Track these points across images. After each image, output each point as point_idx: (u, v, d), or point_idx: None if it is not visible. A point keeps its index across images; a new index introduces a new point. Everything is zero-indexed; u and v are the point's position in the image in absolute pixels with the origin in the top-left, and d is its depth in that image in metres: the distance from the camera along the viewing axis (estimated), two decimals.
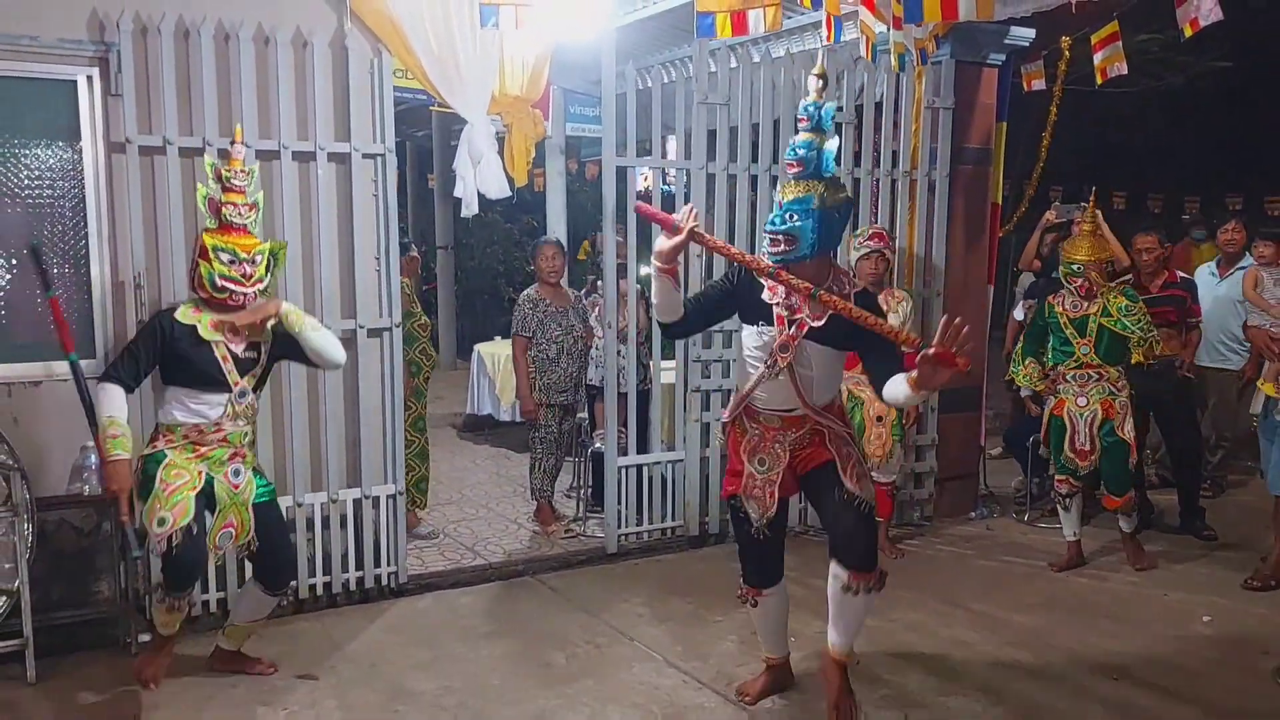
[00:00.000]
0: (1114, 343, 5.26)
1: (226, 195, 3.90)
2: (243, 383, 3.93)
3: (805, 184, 3.48)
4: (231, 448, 3.97)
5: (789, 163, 3.54)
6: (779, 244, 3.49)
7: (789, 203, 3.48)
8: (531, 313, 6.19)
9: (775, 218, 3.51)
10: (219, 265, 3.83)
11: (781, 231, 3.48)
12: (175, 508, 3.79)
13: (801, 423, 3.65)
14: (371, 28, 4.83)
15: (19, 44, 4.22)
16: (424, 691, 4.12)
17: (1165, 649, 4.55)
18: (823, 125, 3.51)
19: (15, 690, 4.08)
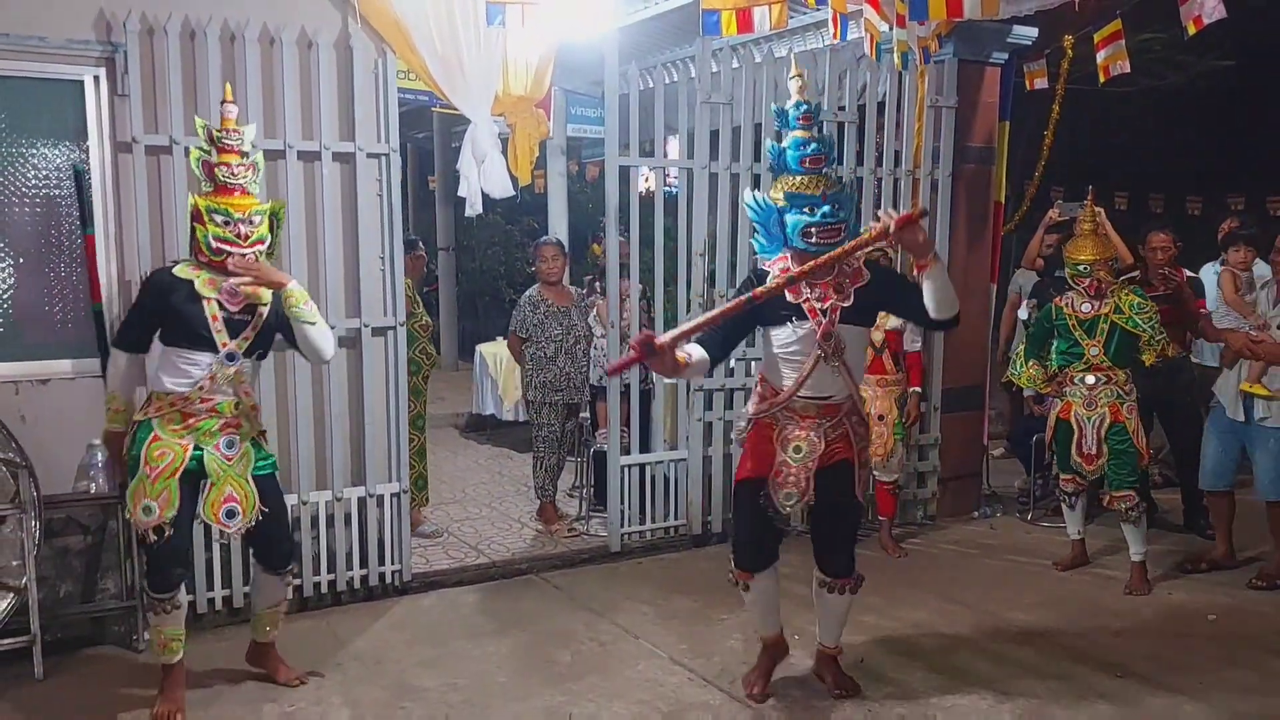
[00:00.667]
0: (1123, 344, 5.23)
1: (221, 156, 3.81)
2: (231, 345, 3.79)
3: (829, 176, 3.68)
4: (221, 418, 3.83)
5: (813, 157, 3.66)
6: (835, 234, 3.62)
7: (833, 194, 3.64)
8: (531, 314, 6.21)
9: (825, 211, 3.61)
10: (213, 227, 3.74)
11: (837, 222, 3.64)
12: (160, 496, 3.71)
13: (836, 410, 3.78)
14: (376, 28, 4.84)
15: (26, 44, 4.24)
16: (430, 688, 4.13)
17: (1170, 648, 4.55)
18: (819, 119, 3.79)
19: (23, 687, 4.10)
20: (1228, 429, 5.33)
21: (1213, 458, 5.40)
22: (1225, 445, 5.34)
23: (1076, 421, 5.30)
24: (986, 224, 6.64)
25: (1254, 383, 5.10)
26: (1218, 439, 5.38)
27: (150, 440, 3.76)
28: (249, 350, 3.88)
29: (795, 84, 3.70)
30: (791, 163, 3.67)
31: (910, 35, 5.51)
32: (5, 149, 4.37)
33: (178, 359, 3.81)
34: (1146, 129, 14.16)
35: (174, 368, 3.81)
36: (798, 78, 3.70)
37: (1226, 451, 5.34)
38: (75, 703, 4.00)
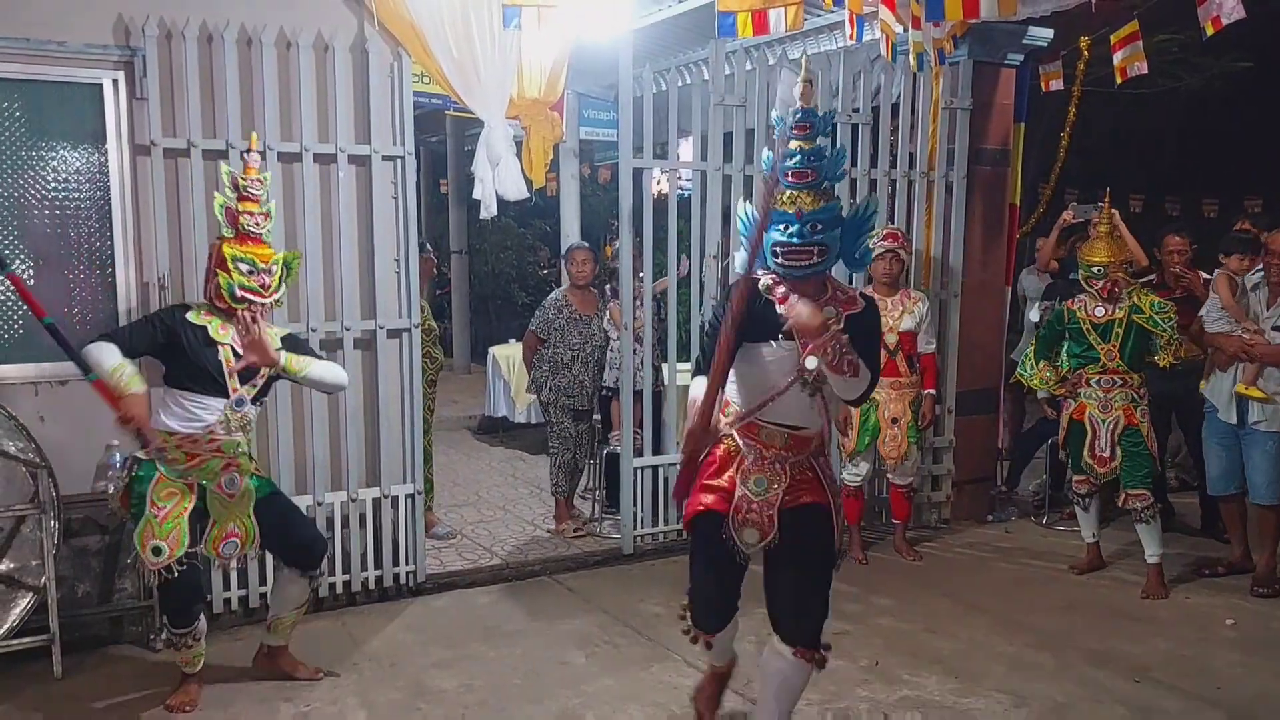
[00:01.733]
0: (1138, 347, 5.21)
1: (242, 204, 3.88)
2: (241, 390, 3.87)
3: (822, 193, 3.22)
4: (225, 458, 3.89)
5: (797, 171, 3.21)
6: (804, 257, 3.18)
7: (812, 213, 3.17)
8: (555, 317, 6.22)
9: (794, 231, 3.17)
10: (238, 275, 3.82)
11: (806, 244, 3.17)
12: (170, 536, 3.74)
13: (805, 445, 3.31)
14: (392, 31, 4.86)
15: (46, 49, 4.27)
16: (446, 690, 4.14)
17: (1188, 652, 4.53)
18: (824, 130, 3.28)
19: (42, 686, 4.13)
20: (1225, 432, 5.28)
21: (1216, 464, 5.36)
22: (1227, 450, 5.30)
23: (1090, 423, 5.29)
24: (1001, 227, 6.62)
25: (1250, 385, 5.07)
26: (1218, 445, 5.33)
27: (155, 481, 3.80)
28: (257, 396, 3.96)
29: (799, 89, 3.28)
30: (780, 173, 3.23)
31: (925, 36, 5.50)
32: (25, 152, 4.40)
33: (187, 402, 3.84)
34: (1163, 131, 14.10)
35: (181, 410, 3.84)
36: (806, 82, 3.28)
37: (1230, 456, 5.30)
38: (94, 701, 4.03)
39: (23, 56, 4.25)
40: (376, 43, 4.82)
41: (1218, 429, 5.31)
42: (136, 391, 3.73)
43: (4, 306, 4.43)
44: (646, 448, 5.87)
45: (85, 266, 4.55)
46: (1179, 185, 13.41)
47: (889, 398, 5.65)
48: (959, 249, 6.39)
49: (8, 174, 4.38)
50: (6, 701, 4.00)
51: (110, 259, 4.55)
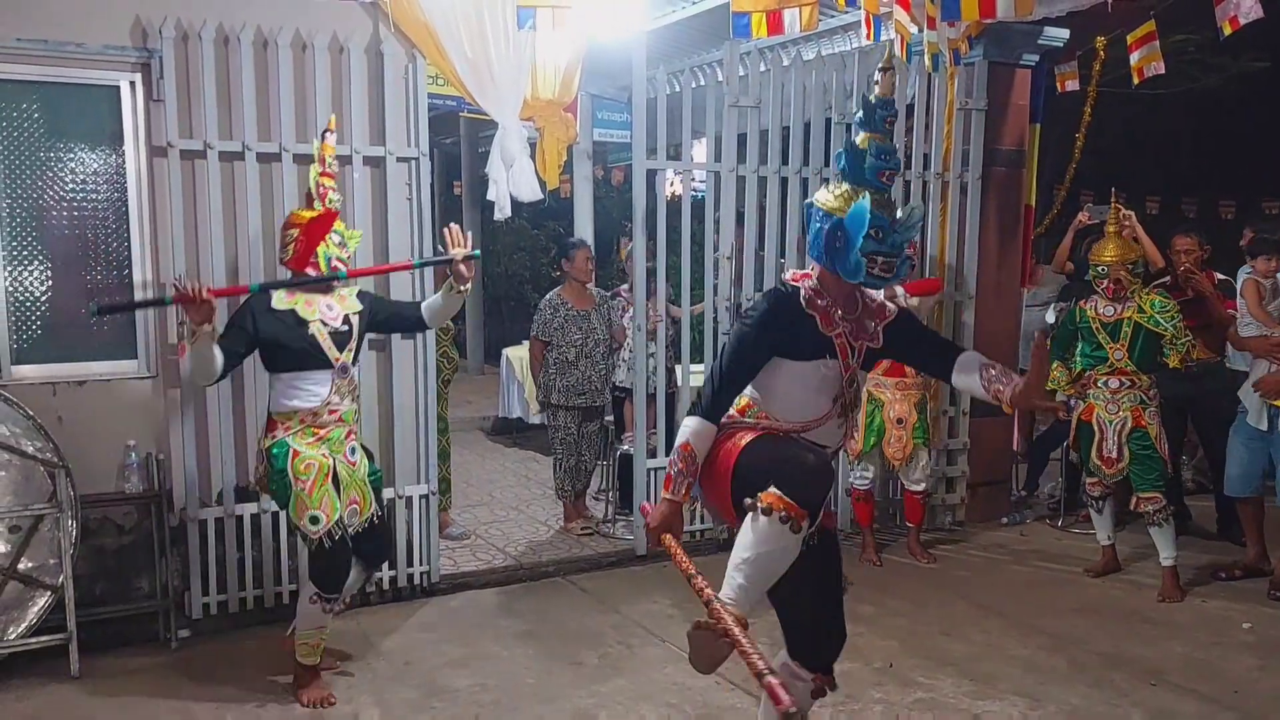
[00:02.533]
0: (1147, 348, 5.19)
1: (325, 180, 4.07)
2: (342, 357, 4.01)
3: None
4: (346, 426, 4.08)
5: (891, 172, 2.99)
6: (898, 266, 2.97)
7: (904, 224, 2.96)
8: (552, 317, 6.22)
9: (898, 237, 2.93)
10: (333, 247, 4.00)
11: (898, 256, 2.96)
12: (323, 504, 3.91)
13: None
14: (406, 33, 4.88)
15: (64, 51, 4.30)
16: (459, 689, 4.15)
17: (1204, 655, 4.50)
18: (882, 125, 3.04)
19: (59, 684, 4.15)
20: (1254, 436, 5.25)
21: (1238, 464, 5.34)
22: (1252, 452, 5.27)
23: (1098, 424, 5.28)
24: (1017, 227, 6.60)
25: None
26: (1244, 446, 5.31)
27: (292, 457, 3.92)
28: (354, 358, 4.12)
29: (878, 78, 3.03)
30: (869, 172, 2.95)
31: (940, 37, 5.48)
32: (43, 154, 4.44)
33: (298, 382, 3.98)
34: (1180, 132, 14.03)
35: (296, 390, 3.98)
36: (888, 70, 3.03)
37: (1253, 458, 5.27)
38: (110, 699, 4.05)
39: (41, 58, 4.29)
40: (391, 45, 4.84)
41: (1246, 431, 5.27)
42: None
43: (23, 308, 4.46)
44: (660, 449, 5.87)
45: (102, 267, 4.58)
46: (1195, 186, 13.33)
47: (894, 398, 5.63)
48: (974, 250, 6.37)
49: (26, 175, 4.42)
50: (25, 699, 4.03)
51: (127, 259, 4.59)
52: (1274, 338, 5.08)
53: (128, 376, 4.58)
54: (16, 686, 4.12)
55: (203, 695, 4.07)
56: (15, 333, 4.44)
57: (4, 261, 4.39)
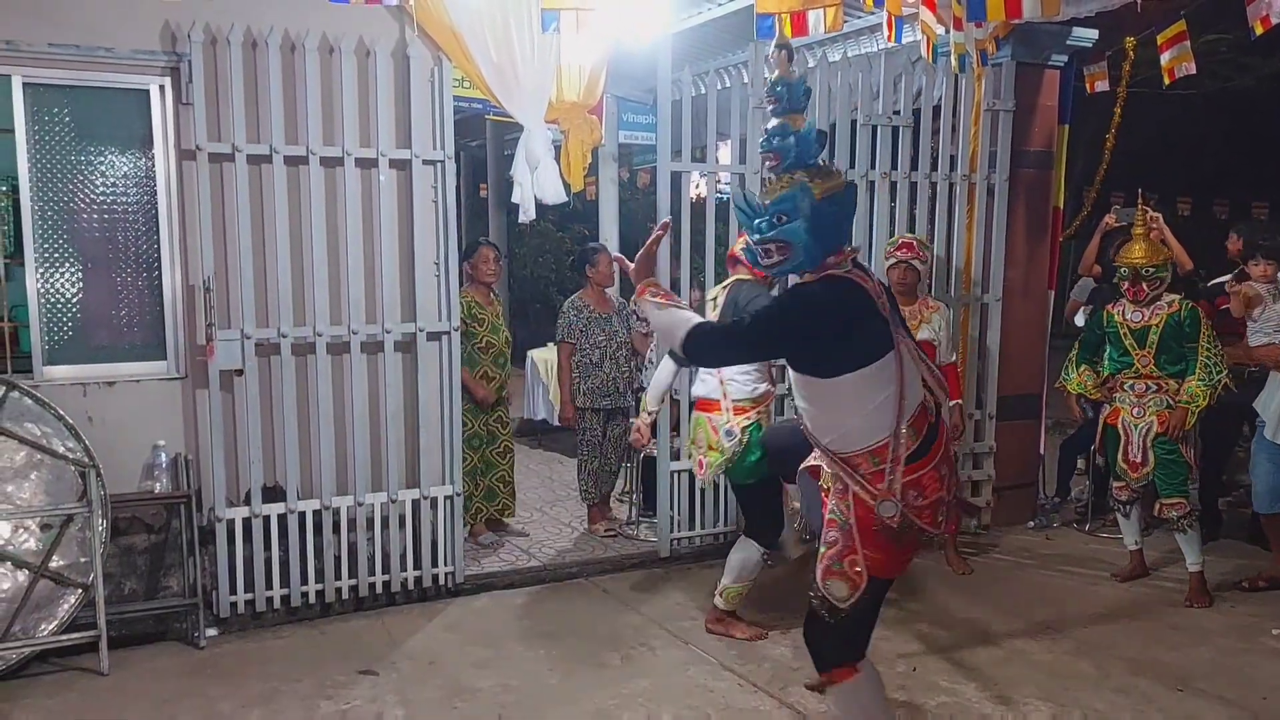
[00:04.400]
0: (1176, 352, 5.13)
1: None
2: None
3: (788, 178, 2.86)
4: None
5: (764, 154, 2.92)
6: (770, 255, 2.89)
7: (774, 203, 2.85)
8: (576, 319, 6.23)
9: (761, 223, 2.88)
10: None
11: (771, 239, 2.86)
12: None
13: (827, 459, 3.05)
14: (433, 37, 4.91)
15: (95, 55, 4.36)
16: (482, 689, 4.17)
17: (1232, 662, 4.45)
18: (794, 105, 2.90)
19: (89, 681, 4.21)
20: (1273, 450, 5.12)
21: (1264, 479, 5.19)
22: (1276, 465, 5.14)
23: (1124, 428, 5.23)
24: (1045, 230, 6.55)
25: None
26: (1268, 460, 5.17)
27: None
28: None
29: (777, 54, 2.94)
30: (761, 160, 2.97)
31: (967, 38, 5.46)
32: (74, 157, 4.51)
33: (754, 370, 4.53)
34: (1212, 132, 13.89)
35: (746, 376, 4.51)
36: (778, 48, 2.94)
37: (1277, 471, 5.15)
38: (139, 697, 4.10)
39: (72, 63, 4.36)
40: (417, 48, 4.87)
41: (1265, 446, 5.18)
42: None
43: (54, 309, 4.53)
44: (683, 452, 5.86)
45: (132, 269, 4.64)
46: (1228, 187, 13.20)
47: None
48: (1000, 253, 6.32)
49: (57, 178, 4.48)
50: (55, 696, 4.09)
51: (156, 262, 4.65)
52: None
53: (157, 377, 4.64)
54: (47, 684, 4.19)
55: (230, 694, 4.10)
56: (47, 334, 4.52)
57: (36, 263, 4.46)
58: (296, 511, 4.80)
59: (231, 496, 4.70)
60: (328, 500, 4.86)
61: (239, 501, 4.72)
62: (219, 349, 4.55)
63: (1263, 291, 5.28)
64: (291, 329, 4.72)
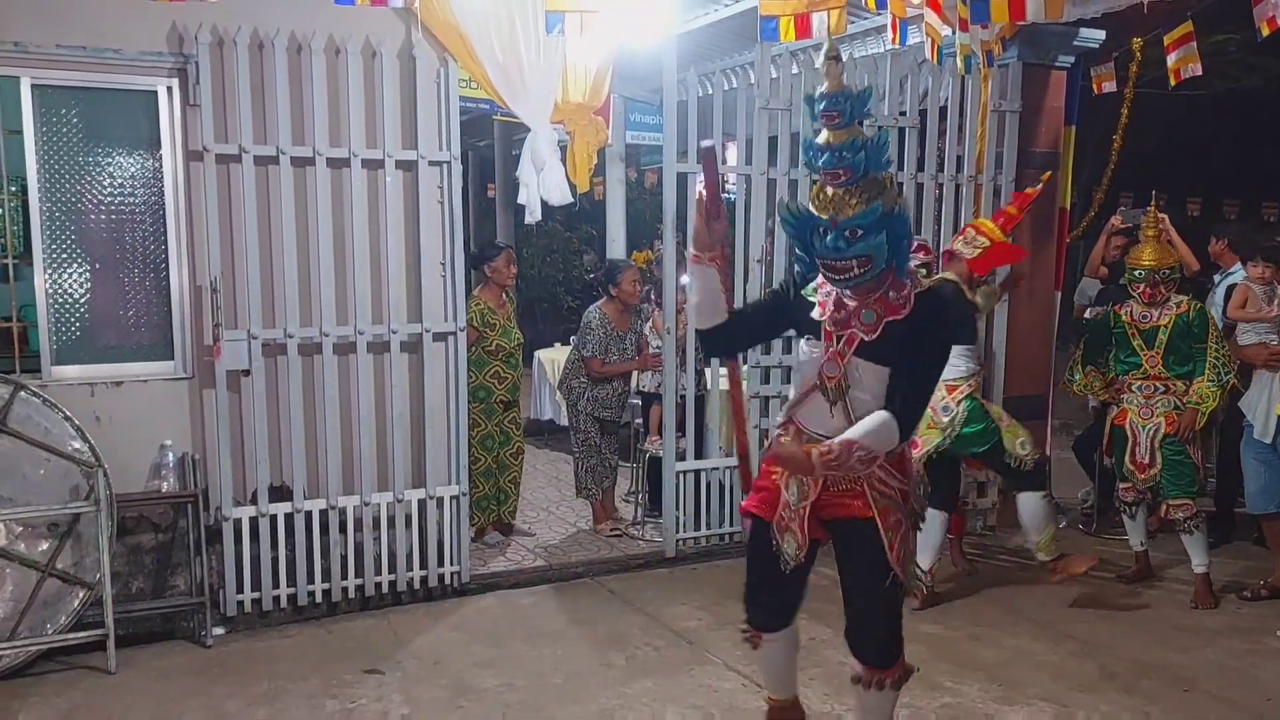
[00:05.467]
0: (1184, 353, 5.13)
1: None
2: None
3: (860, 192, 2.85)
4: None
5: (831, 170, 2.87)
6: (850, 270, 2.88)
7: (851, 219, 2.83)
8: (604, 337, 6.24)
9: (834, 240, 2.86)
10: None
11: (853, 256, 2.85)
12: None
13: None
14: (438, 38, 4.92)
15: (103, 57, 4.38)
16: (487, 688, 4.19)
17: (1238, 663, 4.44)
18: (856, 117, 2.88)
19: (96, 679, 4.24)
20: (1261, 449, 5.10)
21: (1255, 480, 5.15)
22: (1265, 465, 5.10)
23: (1131, 429, 5.22)
24: (1051, 231, 6.54)
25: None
26: (1255, 459, 5.14)
27: (987, 407, 5.14)
28: None
29: (823, 67, 2.90)
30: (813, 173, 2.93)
31: (973, 39, 5.44)
32: (82, 158, 4.53)
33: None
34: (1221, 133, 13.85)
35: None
36: (830, 60, 2.90)
37: (1268, 471, 5.09)
38: (146, 695, 4.12)
39: (80, 64, 4.38)
40: (423, 49, 4.88)
41: (1254, 445, 5.16)
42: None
43: (62, 310, 4.55)
44: (689, 452, 5.88)
45: (139, 269, 4.66)
46: (1237, 188, 13.15)
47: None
48: None
49: (66, 179, 4.51)
50: (62, 694, 4.11)
51: (164, 262, 4.66)
52: (1273, 345, 4.99)
53: (164, 377, 4.66)
54: (54, 682, 4.21)
55: (236, 693, 4.12)
56: (54, 334, 4.54)
57: (44, 264, 4.48)
58: (303, 511, 4.82)
59: (238, 496, 4.72)
60: (334, 500, 4.88)
61: (246, 501, 4.74)
62: (226, 349, 4.57)
63: (1258, 292, 5.27)
64: (298, 329, 4.74)
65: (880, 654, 3.15)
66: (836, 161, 2.85)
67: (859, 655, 3.18)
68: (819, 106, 2.88)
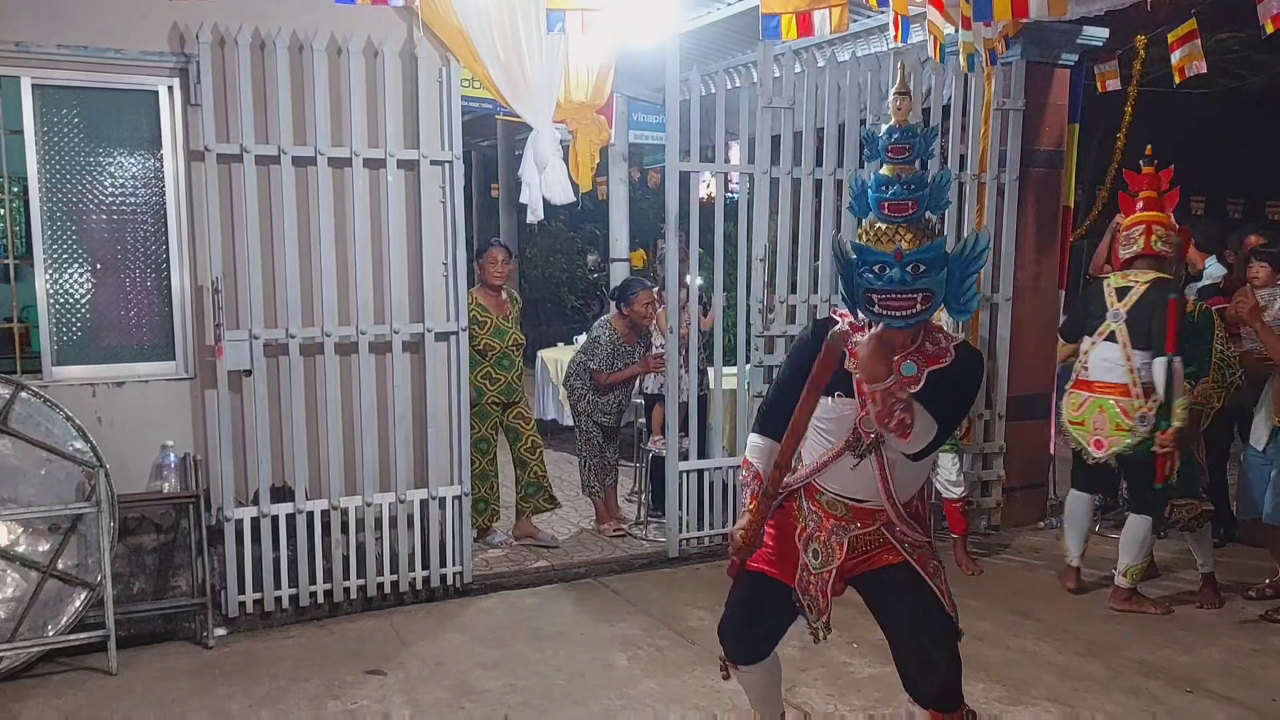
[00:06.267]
0: (1187, 355, 5.09)
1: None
2: None
3: (924, 228, 2.77)
4: None
5: (894, 203, 2.77)
6: (912, 305, 2.74)
7: (916, 253, 2.72)
8: (611, 353, 6.25)
9: (899, 274, 2.73)
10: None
11: (918, 289, 2.73)
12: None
13: (871, 518, 2.99)
14: (440, 37, 4.91)
15: (104, 57, 4.38)
16: (490, 689, 4.17)
17: (1243, 663, 4.42)
18: (922, 154, 2.83)
19: (97, 680, 4.23)
20: (1255, 454, 5.05)
21: (1257, 486, 5.07)
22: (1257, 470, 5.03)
23: None
24: (1055, 229, 6.52)
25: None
26: (1255, 467, 5.08)
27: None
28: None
29: (893, 102, 2.85)
30: (871, 204, 2.81)
31: (976, 37, 5.43)
32: (84, 158, 4.52)
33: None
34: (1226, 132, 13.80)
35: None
36: (901, 95, 2.84)
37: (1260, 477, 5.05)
38: (147, 696, 4.11)
39: (81, 64, 4.37)
40: (425, 48, 4.87)
41: (1250, 451, 5.13)
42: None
43: (63, 310, 4.54)
44: (692, 452, 5.86)
45: (141, 270, 4.65)
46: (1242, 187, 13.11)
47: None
48: (1010, 252, 6.30)
49: (67, 179, 4.50)
50: (63, 695, 4.11)
51: (165, 262, 4.66)
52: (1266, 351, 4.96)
53: (166, 378, 4.65)
54: (56, 683, 4.20)
55: (238, 694, 4.12)
56: (56, 334, 4.53)
57: (45, 264, 4.47)
58: (305, 511, 4.81)
59: (240, 496, 4.71)
60: (336, 500, 4.87)
61: (248, 501, 4.74)
62: (228, 349, 4.56)
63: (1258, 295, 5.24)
64: (300, 329, 4.73)
65: (947, 696, 2.96)
66: (905, 194, 2.76)
67: (923, 701, 2.99)
68: (890, 139, 2.80)
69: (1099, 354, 5.03)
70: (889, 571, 2.99)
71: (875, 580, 3.01)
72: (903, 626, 2.98)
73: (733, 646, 3.21)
